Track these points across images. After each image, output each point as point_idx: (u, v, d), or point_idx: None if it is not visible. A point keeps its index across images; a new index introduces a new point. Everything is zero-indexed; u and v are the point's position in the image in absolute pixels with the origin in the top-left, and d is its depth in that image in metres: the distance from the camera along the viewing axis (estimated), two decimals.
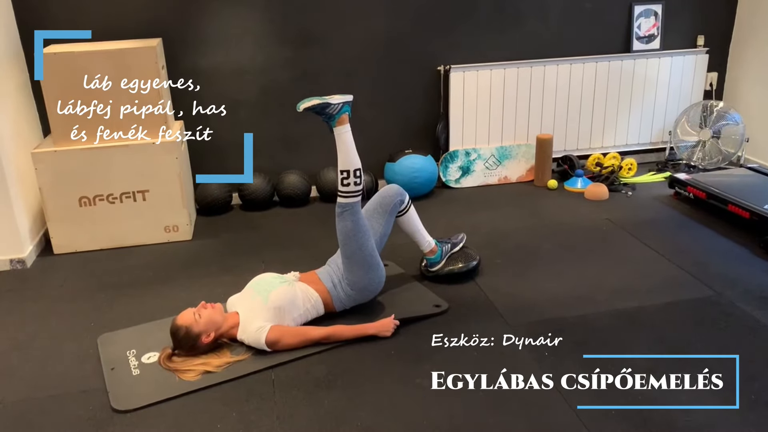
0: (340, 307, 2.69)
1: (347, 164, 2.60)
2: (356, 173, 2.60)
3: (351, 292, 2.66)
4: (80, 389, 2.33)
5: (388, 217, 2.82)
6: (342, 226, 2.62)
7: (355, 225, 2.61)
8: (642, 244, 3.31)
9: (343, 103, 2.60)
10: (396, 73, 4.07)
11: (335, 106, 2.58)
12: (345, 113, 2.61)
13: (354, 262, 2.63)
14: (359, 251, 2.62)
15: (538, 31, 4.14)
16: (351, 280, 2.65)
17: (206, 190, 3.90)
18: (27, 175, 3.42)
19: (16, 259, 3.32)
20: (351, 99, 2.64)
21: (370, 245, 2.65)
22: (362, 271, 2.63)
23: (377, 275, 2.67)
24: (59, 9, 3.59)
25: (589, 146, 4.41)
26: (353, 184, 2.60)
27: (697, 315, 2.64)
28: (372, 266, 2.65)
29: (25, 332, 2.74)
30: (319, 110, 2.57)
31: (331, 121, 2.60)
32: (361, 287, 2.65)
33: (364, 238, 2.62)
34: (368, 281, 2.65)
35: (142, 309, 2.87)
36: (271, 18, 3.83)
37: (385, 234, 2.82)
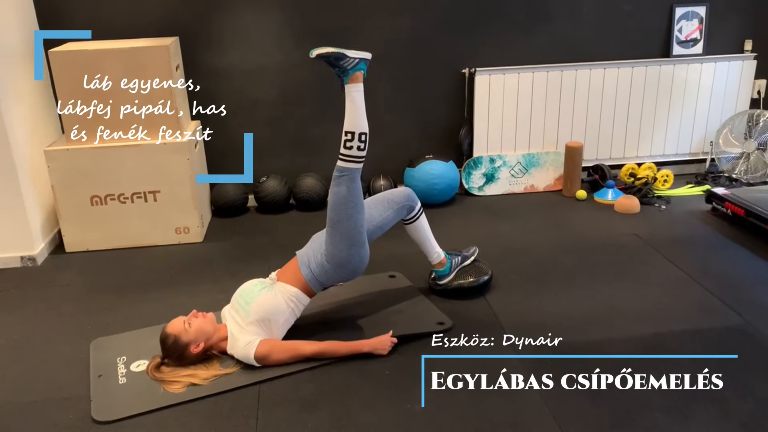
0: (318, 287, 2.51)
1: (353, 126, 2.43)
2: (361, 137, 2.43)
3: (327, 266, 2.47)
4: (64, 396, 2.28)
5: (392, 213, 2.67)
6: (336, 191, 2.46)
7: (350, 192, 2.44)
8: (670, 263, 3.09)
9: (360, 59, 2.44)
10: (418, 76, 3.93)
11: (351, 60, 2.42)
12: (360, 71, 2.45)
13: (338, 232, 2.46)
14: (346, 221, 2.44)
15: (569, 33, 3.94)
16: (330, 252, 2.46)
17: (222, 191, 3.84)
18: (41, 173, 3.42)
19: (26, 257, 3.32)
20: (369, 57, 2.48)
21: (359, 220, 2.47)
22: (344, 243, 2.46)
23: (359, 253, 2.49)
24: (79, 8, 3.58)
25: (623, 155, 4.17)
26: (356, 148, 2.43)
27: (722, 345, 2.42)
28: (356, 242, 2.47)
29: (22, 332, 2.72)
30: (333, 60, 2.41)
31: (344, 76, 2.44)
32: (338, 262, 2.46)
33: (355, 209, 2.46)
34: (347, 257, 2.47)
35: (141, 313, 2.82)
36: (291, 17, 3.74)
37: (380, 227, 2.65)
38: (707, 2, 3.96)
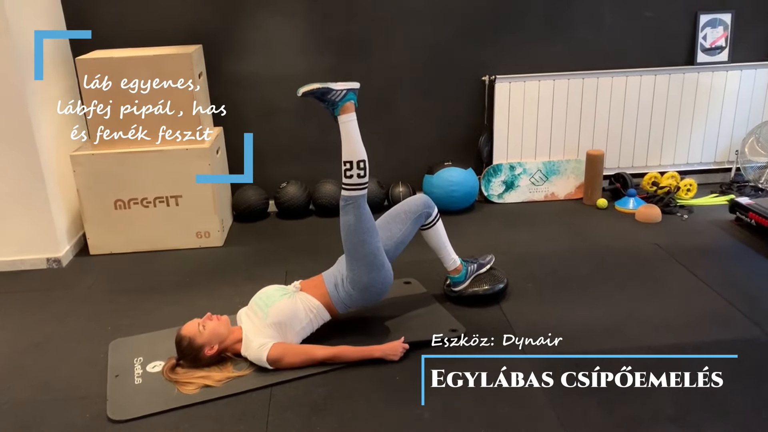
0: (343, 309, 2.56)
1: (350, 155, 2.46)
2: (360, 165, 2.46)
3: (352, 292, 2.52)
4: (82, 395, 2.34)
5: (410, 225, 2.69)
6: (344, 220, 2.49)
7: (358, 220, 2.47)
8: (690, 273, 3.04)
9: (347, 90, 2.46)
10: (439, 82, 3.94)
11: (338, 92, 2.45)
12: (350, 101, 2.47)
13: (355, 260, 2.50)
14: (360, 248, 2.48)
15: (590, 40, 3.92)
16: (352, 279, 2.51)
17: (243, 196, 3.90)
18: (67, 177, 3.51)
19: (52, 258, 3.41)
20: (357, 86, 2.51)
21: (374, 243, 2.50)
22: (363, 269, 2.49)
23: (380, 276, 2.52)
24: (107, 16, 3.68)
25: (645, 164, 4.13)
26: (356, 176, 2.46)
27: (744, 359, 2.37)
28: (374, 266, 2.50)
29: (44, 332, 2.79)
30: (320, 96, 2.44)
31: (334, 109, 2.47)
32: (362, 287, 2.51)
33: (366, 234, 2.48)
34: (370, 281, 2.51)
35: (159, 315, 2.88)
36: (314, 25, 3.79)
37: (402, 242, 2.68)
38: (733, 9, 3.91)
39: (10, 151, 3.22)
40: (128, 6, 3.66)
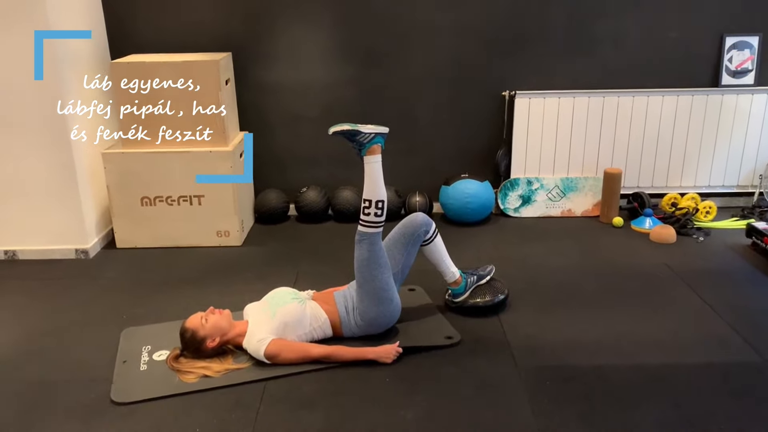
0: (349, 334, 2.68)
1: (371, 194, 2.59)
2: (378, 204, 2.58)
3: (361, 323, 2.64)
4: (91, 377, 2.49)
5: (411, 247, 2.77)
6: (358, 254, 2.61)
7: (371, 255, 2.59)
8: (696, 295, 3.03)
9: (376, 133, 2.59)
10: (459, 96, 4.02)
11: (366, 135, 2.57)
12: (377, 144, 2.60)
13: (365, 292, 2.62)
14: (371, 282, 2.60)
15: (613, 59, 3.93)
16: (362, 310, 2.63)
17: (264, 199, 4.04)
18: (98, 173, 3.71)
19: (80, 249, 3.61)
20: (386, 131, 2.63)
21: (384, 279, 2.61)
22: (371, 303, 2.61)
23: (388, 310, 2.63)
24: (146, 23, 3.88)
25: (665, 185, 4.11)
26: (374, 215, 2.58)
27: (733, 383, 2.37)
28: (383, 300, 2.61)
29: (65, 318, 2.96)
30: (349, 136, 2.57)
31: (361, 150, 2.60)
32: (369, 319, 2.63)
33: (378, 270, 2.60)
34: (377, 314, 2.62)
35: (172, 307, 3.02)
36: (338, 37, 3.92)
37: (406, 265, 2.78)
38: (760, 33, 3.87)
39: (46, 149, 3.43)
40: (165, 15, 3.86)
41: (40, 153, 3.44)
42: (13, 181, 3.49)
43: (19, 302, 3.12)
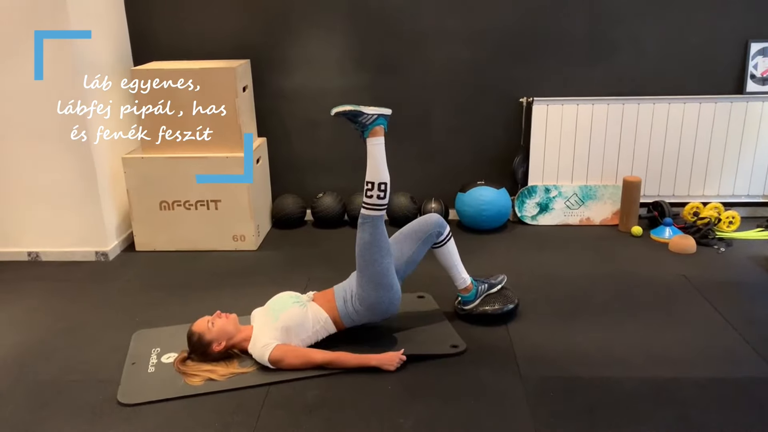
0: (350, 323, 2.66)
1: (373, 176, 2.58)
2: (381, 186, 2.57)
3: (360, 308, 2.62)
4: (100, 378, 2.54)
5: (421, 245, 2.76)
6: (360, 237, 2.60)
7: (373, 239, 2.58)
8: (711, 307, 2.96)
9: (378, 115, 2.59)
10: (475, 103, 4.00)
11: (368, 116, 2.57)
12: (379, 125, 2.59)
13: (365, 277, 2.60)
14: (372, 266, 2.58)
15: (632, 66, 3.87)
16: (360, 295, 2.61)
17: (281, 205, 4.08)
18: (119, 178, 3.79)
19: (100, 252, 3.69)
20: (388, 113, 2.62)
21: (385, 264, 2.59)
22: (371, 287, 2.59)
23: (388, 296, 2.61)
24: (167, 30, 3.96)
25: (687, 194, 4.02)
26: (377, 197, 2.57)
27: (743, 398, 2.31)
28: (383, 285, 2.60)
29: (80, 318, 3.03)
30: (352, 117, 2.57)
31: (364, 131, 2.60)
32: (369, 304, 2.61)
33: (379, 254, 2.58)
34: (376, 299, 2.60)
35: (184, 310, 3.07)
36: (353, 44, 3.94)
37: (413, 261, 2.76)
38: None
39: (67, 153, 3.52)
40: (187, 23, 3.93)
41: (62, 158, 3.53)
42: (37, 185, 3.59)
43: (38, 303, 3.20)
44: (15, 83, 3.41)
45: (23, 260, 3.72)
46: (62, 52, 3.34)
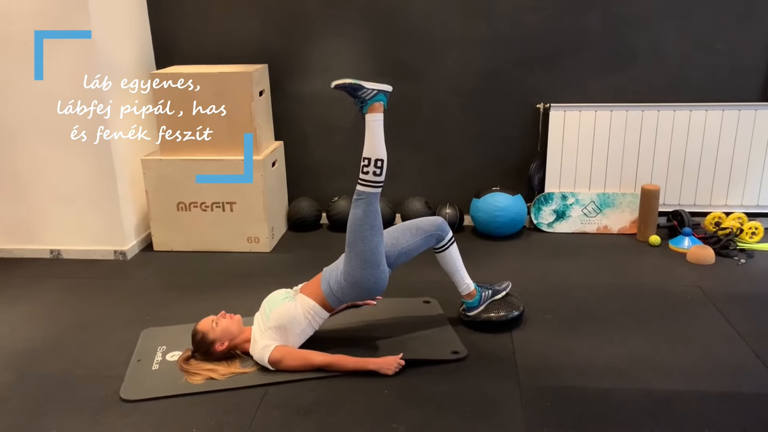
0: (336, 303, 2.64)
1: (370, 152, 2.55)
2: (377, 163, 2.54)
3: (344, 284, 2.59)
4: (106, 374, 2.60)
5: (419, 240, 2.74)
6: (353, 213, 2.59)
7: (365, 215, 2.55)
8: (724, 320, 2.89)
9: (378, 90, 2.57)
10: (492, 108, 3.98)
11: (368, 90, 2.56)
12: (379, 101, 2.57)
13: (353, 252, 2.58)
14: (361, 243, 2.56)
15: (653, 72, 3.80)
16: (346, 271, 2.59)
17: (297, 208, 4.12)
18: (138, 179, 3.88)
19: (118, 251, 3.78)
20: (389, 89, 2.61)
21: (375, 242, 2.57)
22: (358, 264, 2.57)
23: (373, 274, 2.58)
24: (189, 35, 4.04)
25: (709, 203, 3.93)
26: (372, 173, 2.54)
27: (747, 414, 2.25)
28: (370, 263, 2.57)
29: (93, 315, 3.11)
30: (351, 91, 2.56)
31: (363, 106, 2.58)
32: (353, 281, 2.58)
33: (370, 232, 2.56)
34: (362, 277, 2.57)
35: (193, 310, 3.12)
36: (371, 50, 3.96)
37: (405, 253, 2.72)
38: None
39: (88, 155, 3.62)
40: (208, 29, 4.01)
41: (84, 160, 3.64)
42: (60, 185, 3.70)
43: (56, 299, 3.30)
44: (40, 86, 3.52)
45: (46, 257, 3.84)
46: (86, 55, 3.44)
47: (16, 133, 3.64)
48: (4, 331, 2.99)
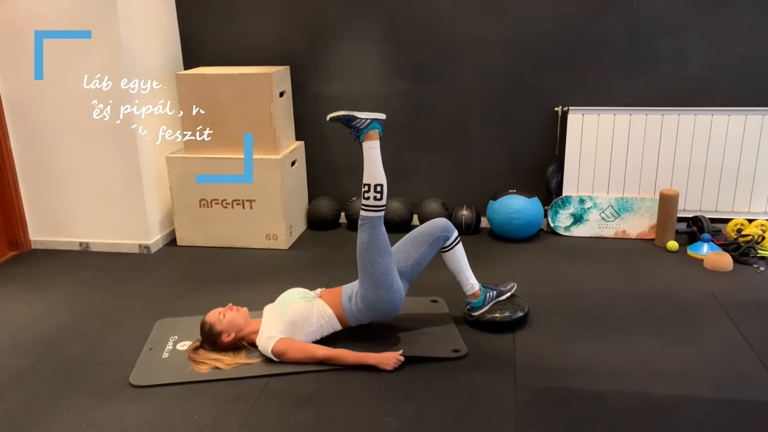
0: (354, 321, 2.74)
1: (369, 178, 2.65)
2: (377, 188, 2.64)
3: (362, 306, 2.69)
4: (119, 360, 2.72)
5: (428, 247, 2.81)
6: (359, 238, 2.68)
7: (371, 239, 2.64)
8: (734, 327, 2.84)
9: (372, 119, 2.66)
10: (510, 110, 3.99)
11: (362, 120, 2.65)
12: (374, 129, 2.66)
13: (365, 276, 2.67)
14: (371, 266, 2.65)
15: (674, 76, 3.76)
16: (362, 294, 2.69)
17: (316, 207, 4.21)
18: (164, 176, 4.02)
19: (143, 245, 3.93)
20: (382, 117, 2.69)
21: (384, 263, 2.65)
22: (371, 286, 2.66)
23: (388, 295, 2.66)
24: (215, 37, 4.17)
25: (731, 209, 3.85)
26: (373, 198, 2.64)
27: (745, 421, 2.22)
28: (382, 284, 2.65)
29: (113, 305, 3.25)
30: (345, 122, 2.65)
31: (358, 135, 2.67)
32: (369, 303, 2.67)
33: (378, 254, 2.65)
34: (376, 298, 2.66)
35: (208, 302, 3.22)
36: (390, 52, 4.01)
37: (419, 263, 2.80)
38: None
39: (115, 153, 3.78)
40: (233, 31, 4.13)
41: (111, 157, 3.79)
42: (90, 181, 3.87)
43: (81, 289, 3.45)
44: (73, 86, 3.70)
45: (75, 250, 4.01)
46: (115, 56, 3.60)
47: (51, 131, 3.82)
48: (28, 317, 3.15)
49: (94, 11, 3.55)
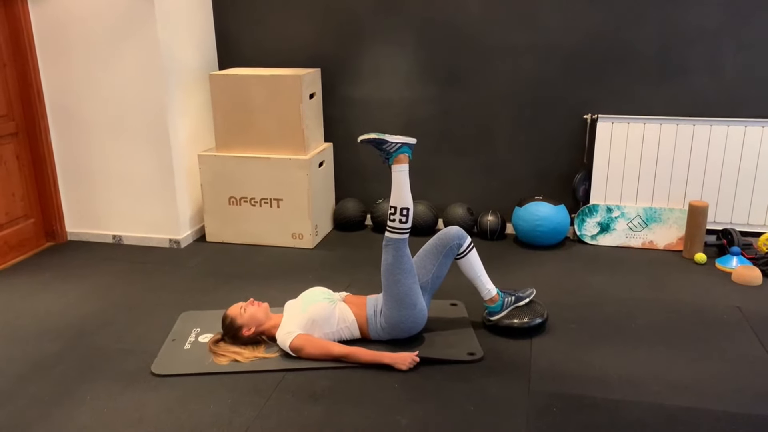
0: (376, 337, 2.79)
1: (396, 201, 2.70)
2: (403, 212, 2.68)
3: (385, 325, 2.75)
4: (142, 350, 2.81)
5: (443, 259, 2.83)
6: (384, 259, 2.73)
7: (395, 260, 2.69)
8: (759, 343, 2.79)
9: (402, 143, 2.71)
10: (538, 117, 3.98)
11: (392, 144, 2.70)
12: (404, 153, 2.71)
13: (388, 296, 2.72)
14: (394, 287, 2.69)
15: (706, 86, 3.70)
16: (386, 313, 2.74)
17: (343, 208, 4.26)
18: (195, 173, 4.12)
19: (173, 240, 4.03)
20: (413, 141, 2.74)
21: (408, 284, 2.69)
22: (395, 307, 2.70)
23: (411, 315, 2.71)
24: (250, 40, 4.26)
25: (764, 223, 3.77)
26: (399, 221, 2.69)
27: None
28: (405, 305, 2.70)
29: (141, 297, 3.35)
30: (376, 145, 2.71)
31: (388, 158, 2.72)
32: (392, 323, 2.73)
33: (402, 275, 2.69)
34: (399, 319, 2.71)
35: (232, 297, 3.29)
36: (421, 57, 4.05)
37: (438, 276, 2.84)
38: None
39: (149, 150, 3.90)
40: (267, 32, 4.22)
41: (145, 154, 3.91)
42: (125, 176, 4.00)
43: (112, 280, 3.57)
44: (111, 84, 3.83)
45: (108, 242, 4.14)
46: (153, 55, 3.71)
47: (89, 129, 3.96)
48: (59, 306, 3.27)
49: (133, 11, 3.67)
